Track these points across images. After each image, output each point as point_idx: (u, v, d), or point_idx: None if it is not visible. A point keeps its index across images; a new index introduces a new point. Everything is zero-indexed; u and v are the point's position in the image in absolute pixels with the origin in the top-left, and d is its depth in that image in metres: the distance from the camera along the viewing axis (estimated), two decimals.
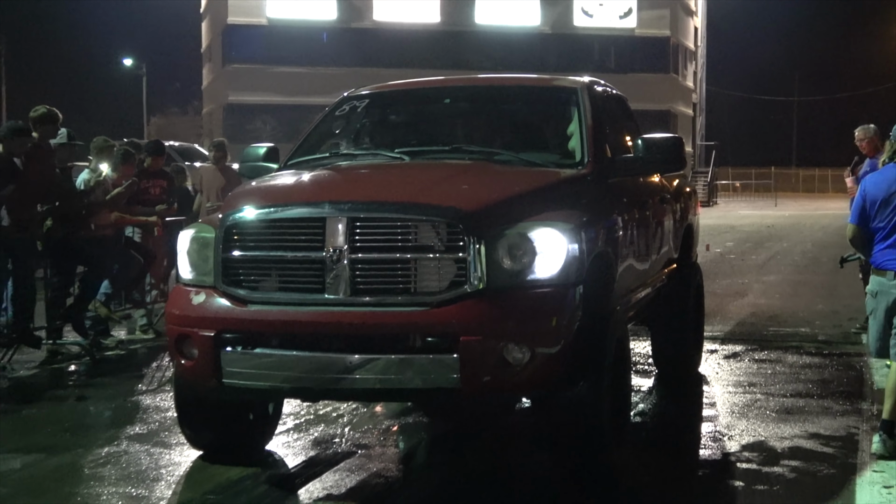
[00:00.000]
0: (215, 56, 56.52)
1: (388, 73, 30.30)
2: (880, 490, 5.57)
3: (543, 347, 5.27)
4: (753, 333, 10.93)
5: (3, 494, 5.64)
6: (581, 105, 6.80)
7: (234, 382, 5.49)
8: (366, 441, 6.71)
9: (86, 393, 8.24)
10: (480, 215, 5.32)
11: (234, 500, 5.49)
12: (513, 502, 5.35)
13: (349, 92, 7.54)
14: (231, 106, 51.31)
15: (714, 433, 6.91)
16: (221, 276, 5.54)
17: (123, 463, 6.26)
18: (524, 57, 49.09)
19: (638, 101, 9.37)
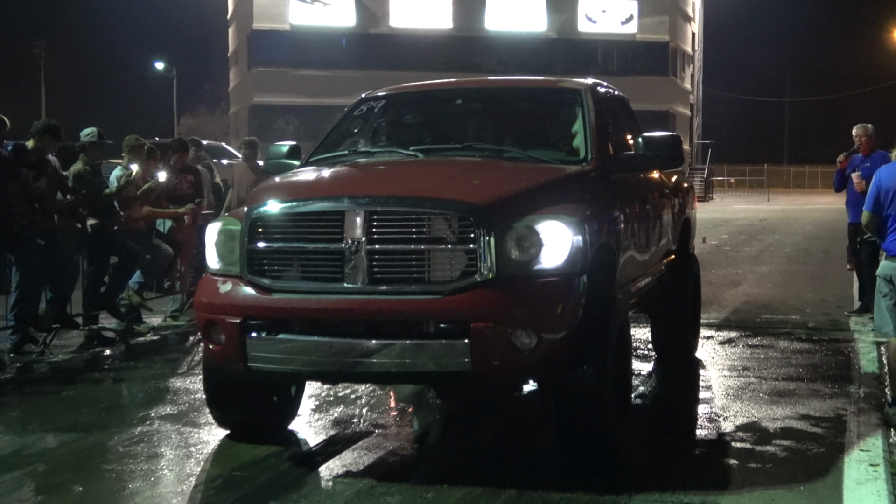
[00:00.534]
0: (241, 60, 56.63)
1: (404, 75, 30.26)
2: (867, 468, 5.55)
3: (550, 333, 5.27)
4: (747, 320, 10.90)
5: (44, 469, 5.69)
6: (585, 105, 6.79)
7: (259, 366, 5.51)
8: (382, 421, 6.72)
9: (120, 376, 8.29)
10: (490, 209, 5.32)
11: (258, 477, 5.50)
12: (521, 478, 5.34)
13: (366, 93, 7.55)
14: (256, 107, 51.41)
15: (710, 414, 6.90)
16: (247, 266, 5.55)
17: (155, 441, 6.29)
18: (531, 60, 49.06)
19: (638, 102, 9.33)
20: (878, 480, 5.33)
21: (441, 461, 5.98)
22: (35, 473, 5.64)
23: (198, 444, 6.17)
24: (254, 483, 5.39)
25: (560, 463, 5.71)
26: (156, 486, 5.42)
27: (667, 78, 57.00)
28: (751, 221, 30.13)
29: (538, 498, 5.07)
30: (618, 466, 5.60)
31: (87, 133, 9.88)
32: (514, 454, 6.06)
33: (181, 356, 9.11)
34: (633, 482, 5.30)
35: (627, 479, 5.37)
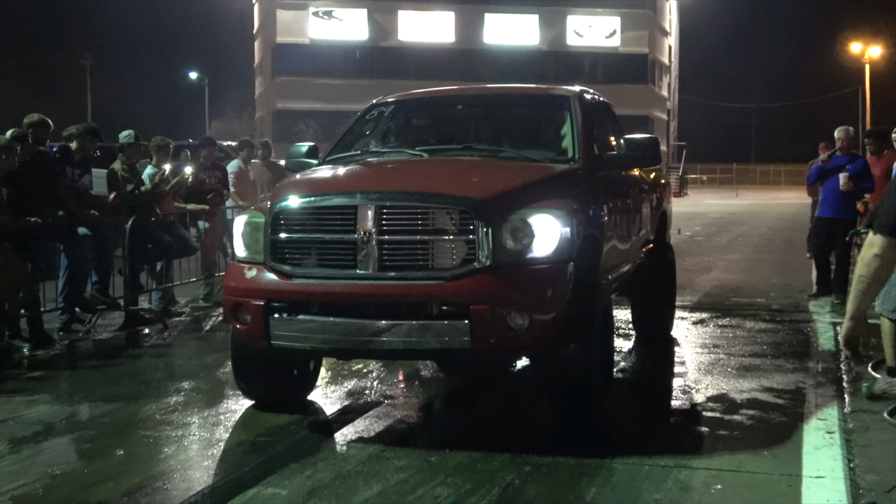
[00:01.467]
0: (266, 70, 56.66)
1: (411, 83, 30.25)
2: (824, 434, 5.55)
3: (541, 314, 5.28)
4: (717, 303, 10.90)
5: (89, 436, 5.71)
6: (573, 110, 6.77)
7: (281, 343, 5.52)
8: (390, 393, 6.72)
9: (157, 352, 8.30)
10: (488, 203, 5.31)
11: (280, 442, 5.51)
12: (515, 444, 5.34)
13: (377, 99, 7.53)
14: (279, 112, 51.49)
15: (684, 387, 6.90)
16: (270, 255, 5.56)
17: (188, 410, 6.29)
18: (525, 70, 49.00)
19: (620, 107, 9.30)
20: (834, 446, 5.32)
21: (443, 429, 5.98)
22: (81, 439, 5.67)
23: (226, 413, 6.18)
24: (276, 448, 5.40)
25: (550, 430, 5.70)
26: (189, 450, 5.43)
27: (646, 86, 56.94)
28: (721, 215, 30.13)
29: (530, 461, 5.07)
30: (602, 434, 5.60)
31: (125, 135, 9.91)
32: (508, 423, 6.07)
33: (211, 335, 9.12)
34: (615, 448, 5.30)
35: (610, 444, 5.38)
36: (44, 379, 7.26)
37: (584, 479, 4.81)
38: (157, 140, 10.60)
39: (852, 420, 5.84)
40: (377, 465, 5.05)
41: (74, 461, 5.26)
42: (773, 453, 5.24)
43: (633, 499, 4.56)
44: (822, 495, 4.57)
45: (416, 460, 5.11)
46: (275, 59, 54.39)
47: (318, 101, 50.22)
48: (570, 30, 56.31)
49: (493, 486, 4.73)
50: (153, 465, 5.18)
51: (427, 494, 4.61)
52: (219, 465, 5.19)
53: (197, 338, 8.95)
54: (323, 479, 4.86)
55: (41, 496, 4.67)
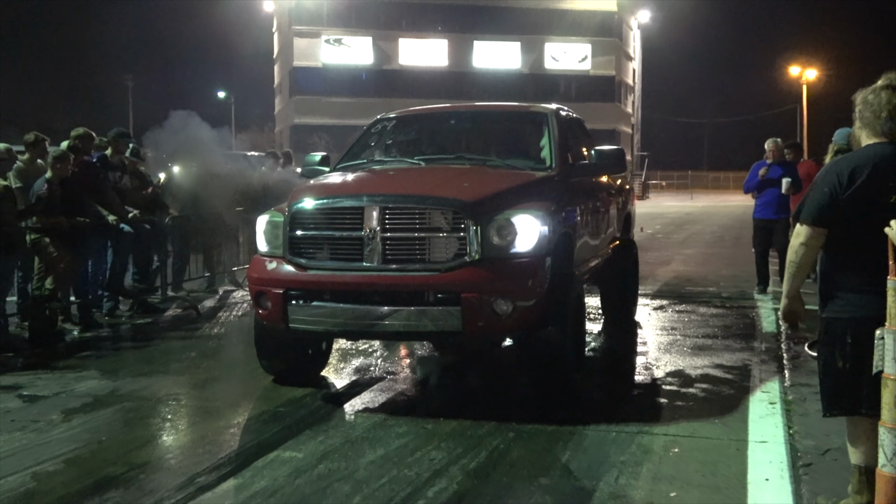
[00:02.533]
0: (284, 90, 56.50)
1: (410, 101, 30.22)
2: (767, 405, 5.56)
3: (522, 301, 5.27)
4: (675, 291, 10.90)
5: (130, 407, 5.69)
6: (550, 125, 6.76)
7: (298, 326, 5.52)
8: (393, 369, 6.71)
9: (189, 334, 8.28)
10: (477, 205, 5.31)
11: (297, 412, 5.50)
12: (500, 413, 5.34)
13: (381, 115, 7.51)
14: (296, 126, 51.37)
15: (646, 363, 6.89)
16: (288, 249, 5.55)
17: (217, 383, 6.31)
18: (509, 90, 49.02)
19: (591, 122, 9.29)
20: (776, 415, 5.33)
21: (438, 400, 5.97)
22: (123, 409, 5.65)
23: (249, 386, 6.16)
24: (293, 417, 5.39)
25: (531, 401, 5.70)
26: (218, 419, 5.41)
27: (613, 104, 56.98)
28: (678, 215, 30.14)
29: (513, 428, 5.06)
30: (575, 404, 5.59)
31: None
32: (494, 395, 6.07)
33: (236, 319, 9.10)
34: (587, 416, 5.29)
35: (583, 413, 5.37)
36: (91, 358, 7.25)
37: (560, 444, 4.81)
38: None
39: (791, 392, 5.85)
40: (381, 432, 5.05)
41: (118, 429, 5.24)
42: (722, 421, 5.24)
43: (601, 461, 4.55)
44: (765, 458, 4.57)
45: (414, 427, 5.11)
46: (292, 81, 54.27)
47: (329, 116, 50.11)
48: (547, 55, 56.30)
49: (482, 449, 4.72)
50: (186, 432, 5.18)
51: (424, 457, 4.60)
52: (244, 432, 5.17)
53: (224, 322, 8.91)
54: (334, 444, 4.85)
55: (90, 459, 4.66)
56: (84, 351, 7.51)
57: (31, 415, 5.49)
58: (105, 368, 6.79)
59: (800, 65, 55.13)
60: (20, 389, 6.13)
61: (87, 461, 4.62)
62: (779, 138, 11.01)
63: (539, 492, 4.14)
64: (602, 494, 4.10)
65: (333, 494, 4.10)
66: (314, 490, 4.16)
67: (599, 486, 4.20)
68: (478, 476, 4.33)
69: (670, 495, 4.08)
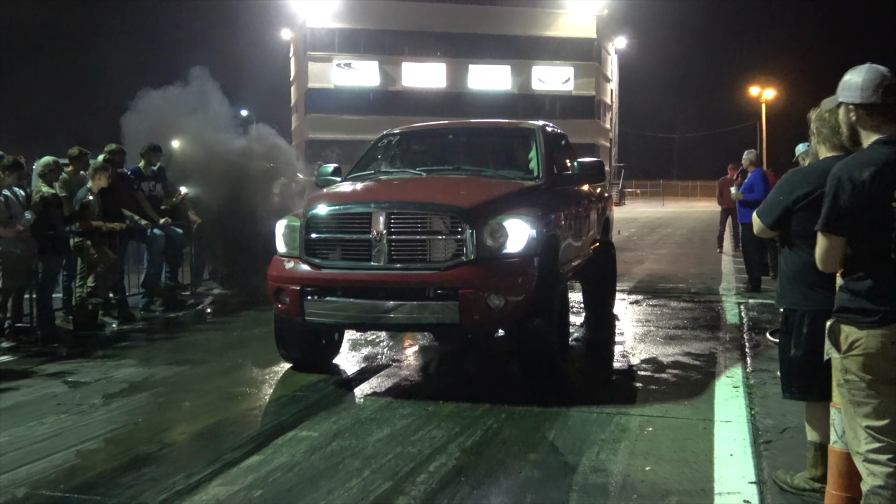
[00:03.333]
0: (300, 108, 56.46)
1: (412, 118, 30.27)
2: (731, 389, 5.56)
3: (513, 296, 5.26)
4: (649, 287, 10.89)
5: (163, 391, 5.68)
6: (537, 139, 6.75)
7: (313, 319, 5.51)
8: (398, 357, 6.70)
9: (217, 327, 8.27)
10: (473, 210, 5.30)
11: (312, 395, 5.50)
12: (493, 396, 5.33)
13: (386, 131, 7.49)
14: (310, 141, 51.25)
15: (623, 351, 6.89)
16: (304, 250, 5.54)
17: (242, 370, 6.29)
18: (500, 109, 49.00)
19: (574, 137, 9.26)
20: (739, 398, 5.33)
21: (438, 384, 5.96)
22: (157, 394, 5.64)
23: (270, 372, 6.16)
24: (309, 400, 5.39)
25: (520, 385, 5.69)
26: (242, 403, 5.41)
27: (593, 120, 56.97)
28: (651, 219, 30.14)
29: (505, 410, 5.06)
30: (560, 388, 5.59)
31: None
32: (488, 380, 6.07)
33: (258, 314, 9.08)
34: (571, 399, 5.28)
35: (567, 396, 5.36)
36: (128, 348, 7.24)
37: (547, 424, 4.81)
38: None
39: (753, 377, 5.84)
40: (387, 413, 5.05)
41: (152, 411, 5.23)
42: (691, 403, 5.24)
43: (584, 439, 4.55)
44: (730, 435, 4.57)
45: (416, 409, 5.10)
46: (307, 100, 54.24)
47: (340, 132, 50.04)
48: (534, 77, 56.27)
49: (477, 429, 4.72)
50: (214, 414, 5.16)
51: (425, 436, 4.59)
52: (265, 414, 5.18)
53: (247, 315, 8.89)
54: (345, 424, 4.84)
55: (127, 438, 4.65)
56: (122, 342, 7.51)
57: (74, 399, 5.49)
58: (141, 357, 6.78)
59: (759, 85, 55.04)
60: (65, 376, 6.12)
61: (125, 440, 4.62)
62: (754, 150, 11.26)
63: (528, 466, 4.14)
64: (584, 469, 4.10)
65: (345, 469, 4.10)
66: (328, 465, 4.15)
67: (582, 461, 4.21)
68: (474, 452, 4.33)
69: (645, 469, 4.08)
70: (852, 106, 2.88)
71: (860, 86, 2.84)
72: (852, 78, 2.88)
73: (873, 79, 2.81)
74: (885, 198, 2.64)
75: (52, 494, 3.83)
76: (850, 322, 2.73)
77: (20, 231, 7.16)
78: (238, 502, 3.72)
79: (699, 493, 3.79)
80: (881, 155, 2.69)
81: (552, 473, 4.06)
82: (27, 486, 3.92)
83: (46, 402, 5.39)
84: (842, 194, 2.68)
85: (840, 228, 2.72)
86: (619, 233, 19.61)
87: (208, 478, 4.01)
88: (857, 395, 2.74)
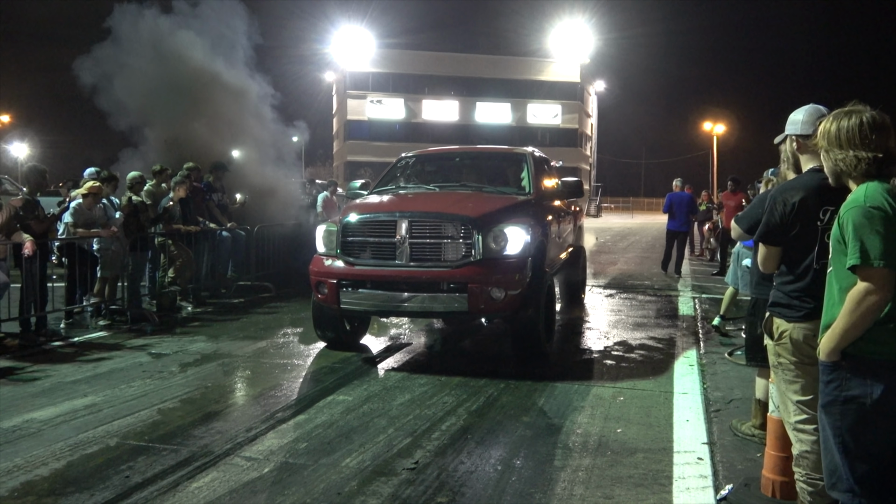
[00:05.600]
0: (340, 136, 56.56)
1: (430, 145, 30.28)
2: (687, 366, 5.53)
3: (512, 290, 5.24)
4: (620, 284, 10.83)
5: (229, 362, 5.68)
6: (528, 162, 6.72)
7: (346, 307, 5.49)
8: (414, 338, 6.70)
9: (272, 311, 8.26)
10: (479, 219, 5.29)
11: (347, 367, 5.49)
12: (490, 371, 5.33)
13: (403, 154, 7.45)
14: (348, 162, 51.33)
15: (599, 336, 6.85)
16: (340, 250, 5.52)
17: (291, 346, 6.28)
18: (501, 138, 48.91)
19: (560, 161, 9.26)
20: (694, 374, 5.30)
21: (447, 360, 5.93)
22: (223, 364, 5.65)
23: (313, 348, 6.15)
24: (343, 371, 5.38)
25: (514, 363, 5.66)
26: (291, 372, 5.41)
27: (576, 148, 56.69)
28: (622, 229, 29.96)
29: (503, 381, 5.05)
30: (546, 366, 5.57)
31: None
32: (488, 358, 6.03)
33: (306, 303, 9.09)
34: (555, 375, 5.27)
35: (552, 373, 5.35)
36: (201, 327, 7.25)
37: (537, 393, 4.80)
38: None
39: (705, 358, 5.81)
40: (407, 382, 5.04)
41: (220, 378, 5.25)
42: (655, 377, 5.22)
43: (567, 405, 4.54)
44: (686, 404, 4.55)
45: (431, 380, 5.10)
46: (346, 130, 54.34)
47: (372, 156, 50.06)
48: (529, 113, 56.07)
49: (480, 396, 4.71)
50: (269, 380, 5.17)
51: (439, 401, 4.59)
52: (310, 381, 5.17)
53: (293, 303, 8.91)
54: (374, 390, 4.85)
55: (199, 399, 4.67)
56: (195, 322, 7.53)
57: (157, 367, 5.51)
58: (210, 334, 6.80)
59: (711, 121, 54.63)
60: (149, 348, 6.15)
61: (197, 401, 4.63)
62: (679, 178, 11.85)
63: (521, 427, 4.13)
64: (567, 429, 4.08)
65: (374, 426, 4.10)
66: (360, 423, 4.16)
67: (565, 423, 4.19)
68: (478, 415, 4.32)
69: (617, 431, 4.06)
70: (794, 137, 2.85)
71: (801, 120, 2.82)
72: (796, 115, 2.86)
73: (812, 114, 2.79)
74: (811, 218, 2.61)
75: (137, 444, 3.85)
76: (780, 315, 2.70)
77: (115, 232, 7.22)
78: (287, 451, 3.73)
79: (661, 451, 3.77)
80: (812, 180, 2.66)
81: (541, 433, 4.05)
82: (118, 437, 3.95)
83: (134, 370, 5.42)
84: (776, 213, 2.66)
85: (774, 240, 2.69)
86: (597, 239, 19.54)
87: (263, 432, 4.02)
88: (788, 374, 2.71)
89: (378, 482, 3.36)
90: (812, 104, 2.84)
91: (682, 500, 3.19)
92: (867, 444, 2.17)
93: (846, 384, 2.18)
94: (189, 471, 3.48)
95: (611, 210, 58.10)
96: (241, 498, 3.18)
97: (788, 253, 2.68)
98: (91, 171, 7.70)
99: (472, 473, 3.47)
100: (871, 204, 2.13)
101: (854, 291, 2.14)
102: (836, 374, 2.21)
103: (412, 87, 53.68)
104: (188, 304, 8.30)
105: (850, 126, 2.27)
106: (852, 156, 2.24)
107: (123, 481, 3.35)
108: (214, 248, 8.87)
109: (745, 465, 3.56)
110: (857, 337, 2.16)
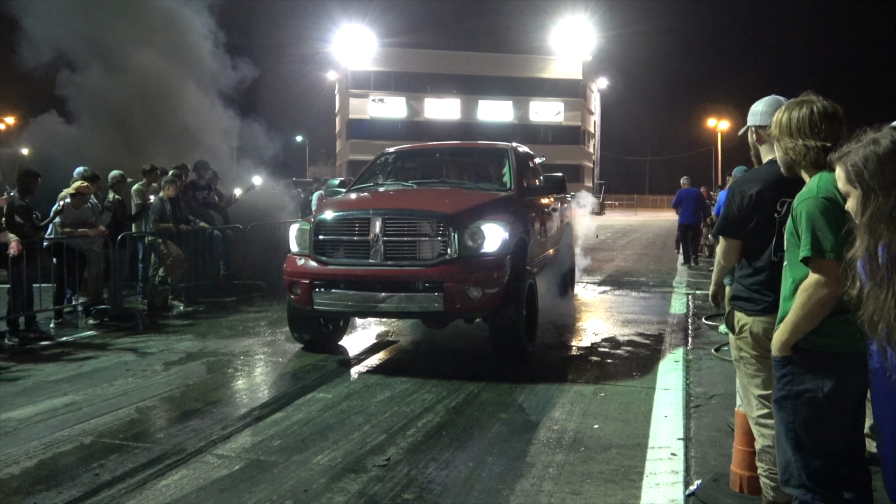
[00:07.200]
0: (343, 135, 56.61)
1: None
2: (672, 362, 5.50)
3: (489, 289, 5.15)
4: (615, 281, 10.77)
5: (213, 360, 5.67)
6: (510, 157, 6.59)
7: (320, 308, 5.37)
8: (392, 339, 6.64)
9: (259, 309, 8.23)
10: (456, 216, 5.21)
11: (329, 365, 5.47)
12: (470, 371, 5.26)
13: (383, 150, 7.30)
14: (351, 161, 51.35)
15: (589, 331, 6.81)
16: (313, 249, 5.40)
17: (277, 344, 6.26)
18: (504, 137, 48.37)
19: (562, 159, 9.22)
20: (678, 370, 5.27)
21: (426, 361, 5.86)
22: (208, 362, 5.66)
23: (294, 347, 6.09)
24: (325, 369, 5.37)
25: (493, 364, 5.56)
26: (273, 369, 5.42)
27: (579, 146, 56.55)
28: (624, 226, 29.84)
29: (483, 379, 5.02)
30: (528, 364, 5.50)
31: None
32: (468, 357, 5.95)
33: None
34: (537, 375, 5.20)
35: (534, 373, 5.27)
36: (190, 325, 7.25)
37: (518, 389, 4.77)
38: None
39: (692, 354, 5.77)
40: (387, 380, 5.02)
41: (203, 376, 5.25)
42: (638, 373, 5.19)
43: (547, 401, 4.51)
44: (666, 400, 4.52)
45: (411, 378, 5.07)
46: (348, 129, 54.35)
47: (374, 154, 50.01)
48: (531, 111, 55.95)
49: (460, 393, 4.69)
50: (251, 379, 5.18)
51: (419, 398, 4.58)
52: (291, 379, 5.16)
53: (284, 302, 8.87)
54: (355, 387, 4.84)
55: (178, 398, 4.68)
56: (185, 320, 7.53)
57: (141, 365, 5.52)
58: (199, 333, 6.80)
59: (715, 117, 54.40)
60: (136, 347, 6.16)
61: (177, 399, 4.64)
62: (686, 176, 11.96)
63: (498, 423, 4.11)
64: (544, 426, 4.06)
65: (350, 424, 4.09)
66: (337, 421, 4.15)
67: (543, 420, 4.17)
68: (455, 412, 4.31)
69: (594, 427, 4.04)
70: (754, 128, 2.82)
71: (761, 111, 2.79)
72: (756, 106, 2.82)
73: (772, 105, 2.76)
74: (768, 209, 2.58)
75: (111, 442, 3.86)
76: (741, 309, 2.68)
77: (104, 231, 7.23)
78: (260, 449, 3.73)
79: (635, 446, 3.74)
80: (770, 172, 2.63)
81: (517, 429, 4.03)
82: (93, 435, 3.95)
83: (118, 368, 5.42)
84: (734, 205, 2.63)
85: (733, 233, 2.67)
86: (598, 236, 19.46)
87: (239, 429, 4.02)
88: (749, 369, 2.68)
89: (347, 479, 3.35)
90: (773, 95, 2.81)
91: (651, 495, 3.17)
92: (820, 439, 2.14)
93: (798, 378, 2.16)
94: (159, 469, 3.48)
95: (614, 207, 57.89)
96: (208, 495, 3.18)
97: (748, 246, 2.66)
98: (80, 170, 7.71)
99: (443, 470, 3.46)
100: (824, 195, 2.10)
101: (806, 284, 2.11)
102: (788, 369, 2.19)
103: (414, 85, 53.61)
104: (180, 302, 8.31)
105: (801, 116, 2.24)
106: (801, 145, 2.22)
107: (93, 479, 3.36)
108: (207, 248, 8.87)
109: (718, 460, 3.53)
110: (808, 330, 2.13)
